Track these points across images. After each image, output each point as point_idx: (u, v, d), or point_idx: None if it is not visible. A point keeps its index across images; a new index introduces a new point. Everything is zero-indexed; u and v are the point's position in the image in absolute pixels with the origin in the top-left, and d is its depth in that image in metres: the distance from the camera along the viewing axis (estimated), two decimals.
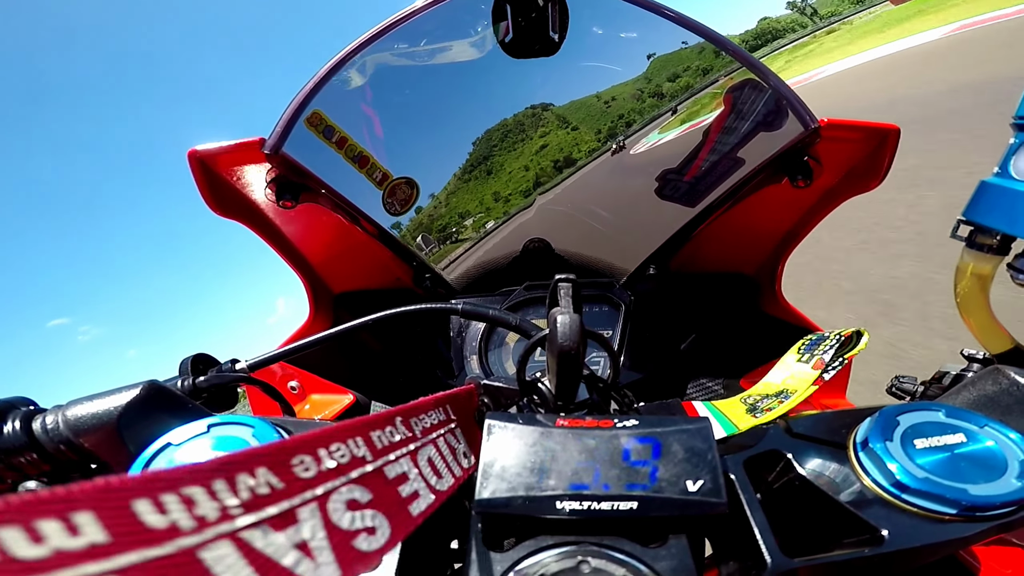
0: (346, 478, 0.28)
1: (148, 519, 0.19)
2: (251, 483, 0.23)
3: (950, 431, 0.38)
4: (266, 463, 0.25)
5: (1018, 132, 0.50)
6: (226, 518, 0.21)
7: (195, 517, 0.20)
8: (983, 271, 0.54)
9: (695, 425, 0.38)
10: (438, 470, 0.36)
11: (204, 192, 0.88)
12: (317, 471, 0.27)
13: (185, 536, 0.20)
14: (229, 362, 0.69)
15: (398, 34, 0.90)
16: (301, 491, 0.25)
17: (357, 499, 0.28)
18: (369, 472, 0.30)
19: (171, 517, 0.20)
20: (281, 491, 0.24)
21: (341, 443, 0.30)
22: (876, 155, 0.86)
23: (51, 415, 0.48)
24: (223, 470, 0.22)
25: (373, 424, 0.33)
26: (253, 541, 0.22)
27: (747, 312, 1.14)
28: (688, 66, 0.99)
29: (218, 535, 0.21)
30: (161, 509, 0.19)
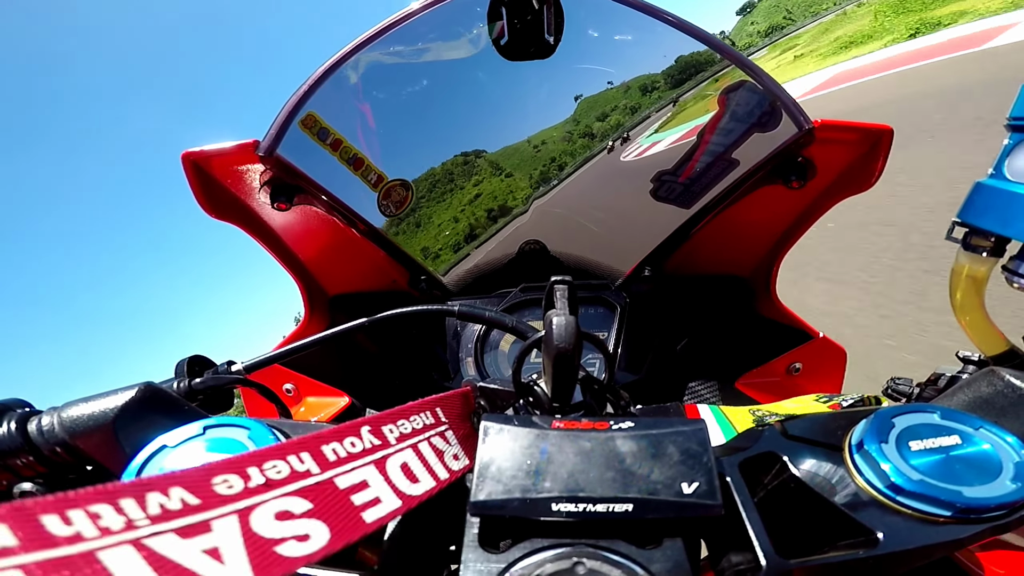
0: (279, 491, 0.30)
1: (53, 529, 0.22)
2: (161, 500, 0.26)
3: (945, 433, 0.38)
4: (181, 484, 0.27)
5: (1012, 133, 0.50)
6: (130, 528, 0.24)
7: (99, 528, 0.23)
8: (978, 273, 0.54)
9: (690, 427, 0.38)
10: (413, 475, 0.37)
11: (198, 194, 0.88)
12: (243, 487, 0.29)
13: (87, 541, 0.23)
14: (225, 364, 0.69)
15: (394, 37, 0.90)
16: (219, 505, 0.28)
17: (290, 509, 0.30)
18: (312, 484, 0.32)
19: (75, 528, 0.23)
20: (196, 506, 0.27)
21: (279, 460, 0.32)
22: (869, 156, 0.87)
23: (47, 417, 0.48)
24: (132, 491, 0.25)
25: (328, 437, 0.35)
26: (156, 546, 0.24)
27: (742, 314, 1.14)
28: (616, 105, 1.00)
29: (120, 541, 0.23)
30: (67, 521, 0.23)
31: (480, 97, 1.02)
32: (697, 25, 0.88)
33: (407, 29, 0.90)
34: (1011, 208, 0.48)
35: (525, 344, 0.45)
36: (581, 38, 0.94)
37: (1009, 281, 0.51)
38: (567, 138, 1.06)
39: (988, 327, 0.57)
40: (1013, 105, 0.50)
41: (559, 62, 0.95)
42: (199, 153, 0.86)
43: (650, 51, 0.96)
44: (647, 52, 0.96)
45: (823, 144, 0.88)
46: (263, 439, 0.43)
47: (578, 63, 0.98)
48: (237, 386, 0.66)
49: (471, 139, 1.05)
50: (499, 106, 1.03)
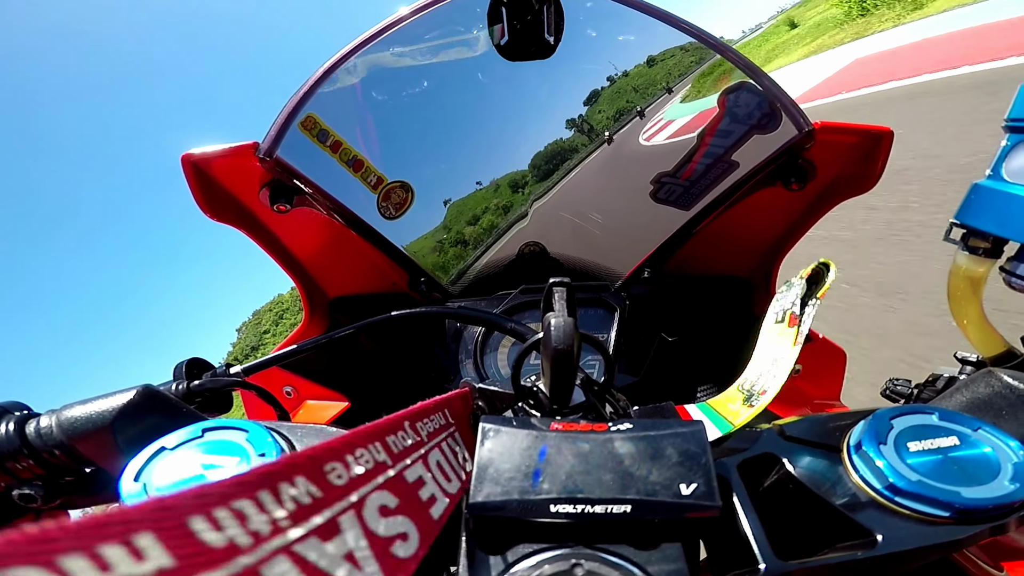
0: (374, 484, 0.28)
1: (206, 537, 0.18)
2: (293, 493, 0.23)
3: (943, 434, 0.38)
4: (303, 472, 0.24)
5: (1010, 134, 0.50)
6: (278, 531, 0.21)
7: (250, 532, 0.20)
8: (976, 274, 0.54)
9: (689, 428, 0.38)
10: (446, 473, 0.36)
11: (198, 196, 0.88)
12: (348, 478, 0.27)
13: (244, 554, 0.19)
14: (223, 366, 0.69)
15: (393, 37, 0.91)
16: (338, 499, 0.25)
17: (387, 504, 0.28)
18: (392, 477, 0.30)
19: (227, 534, 0.19)
20: (321, 500, 0.24)
21: (364, 448, 0.30)
22: (869, 158, 0.87)
23: (45, 419, 0.48)
24: (265, 481, 0.22)
25: (388, 429, 0.33)
26: (307, 554, 0.22)
27: (742, 315, 1.14)
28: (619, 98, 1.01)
29: (274, 550, 0.20)
30: (216, 526, 0.19)
31: (480, 98, 1.02)
32: (696, 25, 0.89)
33: (406, 30, 0.91)
34: (1008, 209, 0.48)
35: (524, 346, 0.45)
36: (580, 38, 0.94)
37: (1007, 282, 0.51)
38: (568, 128, 1.07)
39: (986, 328, 0.57)
40: (1011, 107, 0.50)
41: (559, 62, 0.95)
42: (199, 155, 0.86)
43: (649, 51, 0.96)
44: (646, 52, 0.97)
45: (823, 146, 0.88)
46: (262, 442, 0.43)
47: (578, 63, 0.98)
48: (236, 389, 0.66)
49: (471, 140, 1.06)
50: (499, 107, 1.04)
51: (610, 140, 1.08)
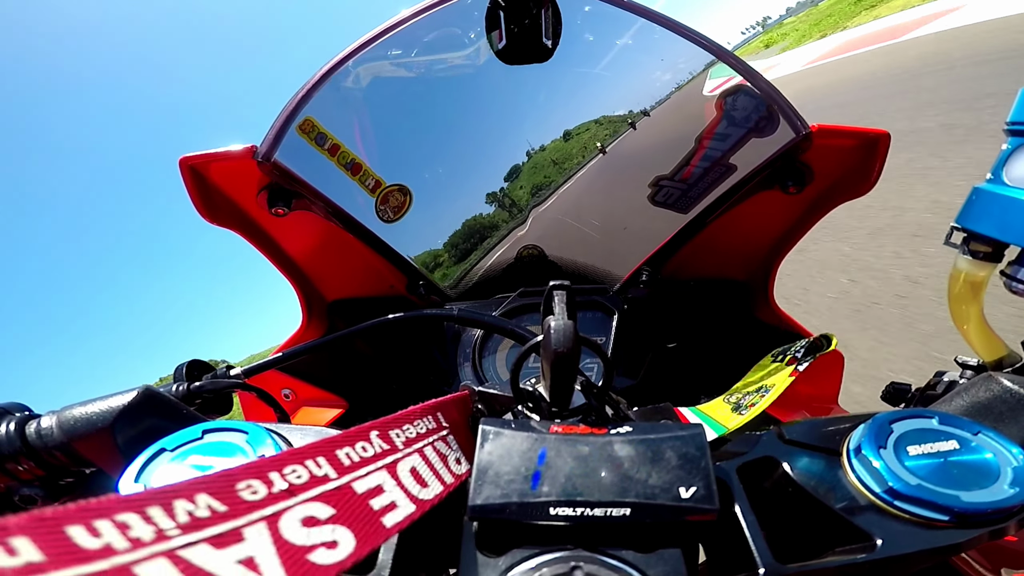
0: (302, 497, 0.30)
1: (81, 541, 0.20)
2: (189, 507, 0.24)
3: (943, 438, 0.38)
4: (206, 490, 0.26)
5: (1011, 137, 0.50)
6: (162, 539, 0.23)
7: (129, 539, 0.21)
8: (976, 278, 0.54)
9: (688, 432, 0.38)
10: (423, 479, 0.36)
11: (196, 200, 0.88)
12: (267, 493, 0.28)
13: (119, 555, 0.21)
14: (224, 368, 0.69)
15: (391, 41, 0.91)
16: (247, 512, 0.27)
17: (315, 515, 0.29)
18: (332, 489, 0.31)
19: (104, 540, 0.21)
20: (224, 513, 0.26)
21: (297, 464, 0.31)
22: (867, 160, 0.87)
23: (45, 420, 0.48)
24: (158, 498, 0.24)
25: (341, 442, 0.34)
26: (191, 558, 0.23)
27: (740, 318, 1.14)
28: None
29: (153, 553, 0.22)
30: (94, 533, 0.21)
31: (478, 101, 1.03)
32: (693, 28, 0.89)
33: (405, 33, 0.91)
34: (1009, 213, 0.48)
35: (523, 348, 0.45)
36: (578, 42, 0.95)
37: (1007, 286, 0.51)
38: (488, 203, 1.09)
39: (986, 332, 0.57)
40: (1012, 110, 0.50)
41: (557, 66, 0.96)
42: (197, 158, 0.86)
43: (647, 56, 0.96)
44: (644, 56, 0.97)
45: (820, 149, 0.88)
46: (261, 443, 0.43)
47: (576, 67, 0.98)
48: (235, 390, 0.66)
49: (469, 143, 1.06)
50: (497, 110, 1.04)
51: (603, 151, 1.08)
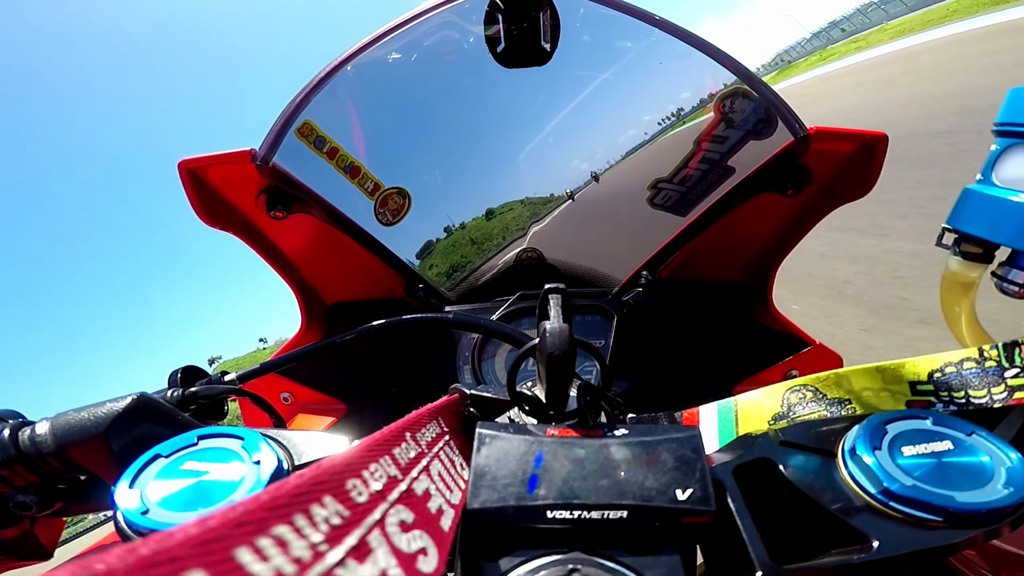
0: (391, 499, 0.28)
1: (255, 570, 0.18)
2: (324, 514, 0.22)
3: (937, 439, 0.38)
4: (329, 490, 0.24)
5: (999, 138, 0.51)
6: (318, 557, 0.21)
7: (293, 560, 0.19)
8: (967, 279, 0.54)
9: (684, 434, 0.38)
10: (447, 483, 0.36)
11: (194, 203, 0.88)
12: (368, 494, 0.26)
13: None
14: (219, 374, 0.69)
15: (390, 43, 0.91)
16: (363, 517, 0.25)
17: (406, 520, 0.27)
18: (404, 491, 0.30)
19: (274, 564, 0.19)
20: (349, 519, 0.24)
21: (376, 463, 0.29)
22: (865, 162, 0.87)
23: (39, 427, 0.48)
24: (298, 503, 0.22)
25: (392, 440, 0.33)
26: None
27: (739, 321, 1.14)
28: None
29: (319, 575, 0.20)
30: (262, 556, 0.18)
31: (477, 104, 1.03)
32: (690, 31, 0.89)
33: (404, 36, 0.91)
34: (999, 214, 0.49)
35: (519, 351, 0.45)
36: (576, 45, 0.95)
37: (999, 287, 0.51)
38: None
39: (978, 333, 0.57)
40: (1000, 110, 0.50)
41: (556, 68, 0.96)
42: (195, 161, 0.86)
43: (646, 59, 0.96)
44: (642, 60, 0.97)
45: (818, 151, 0.88)
46: (257, 449, 0.43)
47: (575, 70, 0.99)
48: (232, 396, 0.66)
49: (468, 146, 1.06)
50: (496, 112, 1.04)
51: (572, 196, 1.10)
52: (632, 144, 1.04)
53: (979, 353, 0.44)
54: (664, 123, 1.00)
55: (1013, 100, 0.50)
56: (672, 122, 0.99)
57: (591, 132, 1.05)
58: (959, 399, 0.44)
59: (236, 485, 0.40)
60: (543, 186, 1.10)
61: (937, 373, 0.45)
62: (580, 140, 1.06)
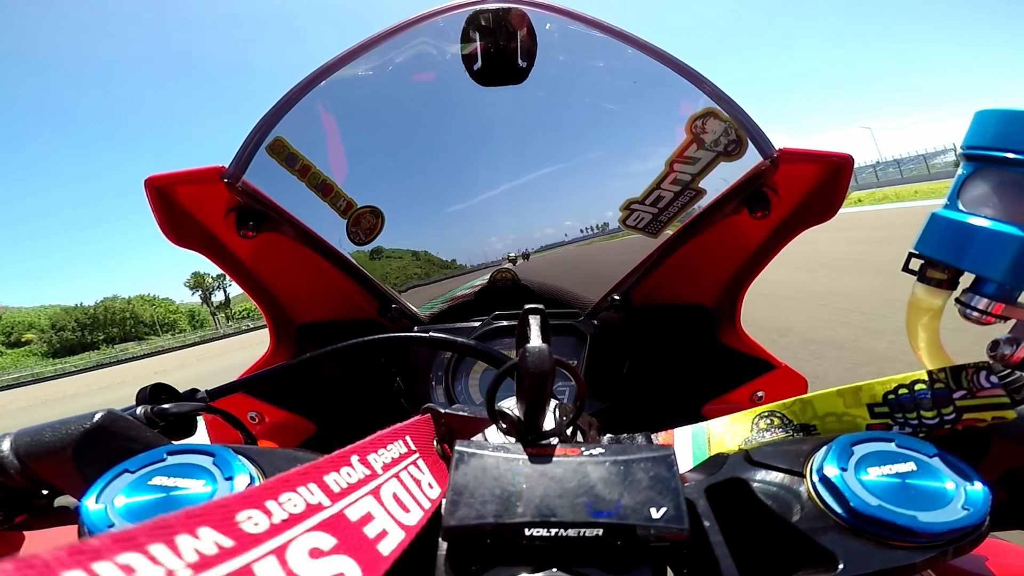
0: (303, 526, 0.28)
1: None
2: (194, 543, 0.22)
3: (902, 460, 0.39)
4: (206, 523, 0.24)
5: (964, 163, 0.51)
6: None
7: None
8: (932, 305, 0.55)
9: (659, 453, 0.39)
10: (404, 504, 0.36)
11: (161, 222, 0.87)
12: (269, 524, 0.26)
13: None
14: (188, 391, 0.68)
15: (365, 60, 0.91)
16: (253, 545, 0.25)
17: (319, 546, 0.28)
18: (328, 517, 0.30)
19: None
20: (232, 548, 0.24)
21: (291, 492, 0.29)
22: (831, 184, 0.89)
23: (3, 442, 0.47)
24: (157, 534, 0.21)
25: (327, 467, 0.33)
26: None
27: (707, 343, 1.15)
28: None
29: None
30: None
31: (452, 123, 1.03)
32: (666, 51, 0.90)
33: (378, 53, 0.91)
34: (964, 239, 0.49)
35: (500, 371, 0.46)
36: (552, 63, 0.96)
37: (962, 313, 0.52)
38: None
39: (942, 358, 0.58)
40: (966, 134, 0.51)
41: (532, 89, 0.96)
42: (162, 179, 0.84)
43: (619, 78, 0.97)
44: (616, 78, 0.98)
45: (786, 172, 0.90)
46: (229, 465, 0.42)
47: (551, 89, 0.99)
48: (200, 413, 0.65)
49: (443, 165, 1.06)
50: (472, 132, 1.04)
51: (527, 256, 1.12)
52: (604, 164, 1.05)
53: (929, 376, 0.46)
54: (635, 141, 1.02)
55: (978, 124, 0.50)
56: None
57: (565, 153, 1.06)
58: (912, 420, 0.45)
59: (207, 499, 0.39)
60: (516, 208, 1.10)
61: (891, 395, 0.47)
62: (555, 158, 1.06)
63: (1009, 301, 0.49)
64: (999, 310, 0.49)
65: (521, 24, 0.92)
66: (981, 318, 0.50)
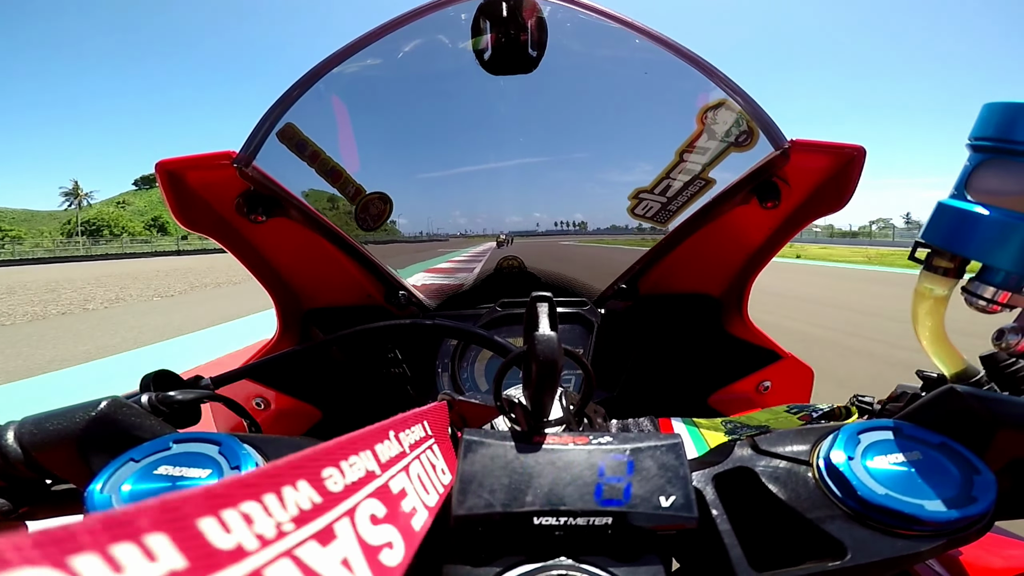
0: (365, 491, 0.29)
1: (215, 539, 0.19)
2: (296, 497, 0.23)
3: (908, 449, 0.39)
4: (304, 476, 0.25)
5: (972, 153, 0.51)
6: (281, 535, 0.22)
7: (256, 535, 0.20)
8: (938, 294, 0.55)
9: (667, 442, 0.39)
10: (425, 486, 0.36)
11: (172, 205, 0.87)
12: (344, 484, 0.27)
13: (251, 556, 0.20)
14: (193, 378, 0.68)
15: (376, 48, 0.91)
16: (333, 505, 0.26)
17: (376, 513, 0.28)
18: (380, 486, 0.30)
19: (235, 537, 0.19)
20: (320, 505, 0.25)
21: (356, 455, 0.30)
22: (843, 176, 0.88)
23: (7, 431, 0.47)
24: (270, 484, 0.23)
25: (375, 437, 0.33)
26: (306, 558, 0.22)
27: (714, 333, 1.15)
28: None
29: (278, 554, 0.21)
30: (225, 528, 0.19)
31: (461, 110, 1.03)
32: (677, 42, 0.89)
33: (390, 41, 0.91)
34: (969, 228, 0.49)
35: (507, 359, 0.46)
36: (562, 53, 0.95)
37: (968, 302, 0.52)
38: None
39: (947, 347, 0.58)
40: (973, 125, 0.51)
41: (542, 78, 0.96)
42: (174, 163, 0.85)
43: (630, 68, 0.97)
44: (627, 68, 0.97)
45: (797, 163, 0.89)
46: (235, 453, 0.43)
47: (561, 79, 0.99)
48: (205, 401, 0.65)
49: (452, 153, 1.06)
50: (481, 119, 1.04)
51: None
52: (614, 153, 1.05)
53: None
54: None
55: (986, 115, 0.50)
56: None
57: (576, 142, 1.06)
58: None
59: None
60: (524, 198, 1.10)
61: None
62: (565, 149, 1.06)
63: (1015, 290, 0.49)
64: (1005, 298, 0.50)
65: (532, 13, 0.91)
66: (987, 307, 0.51)
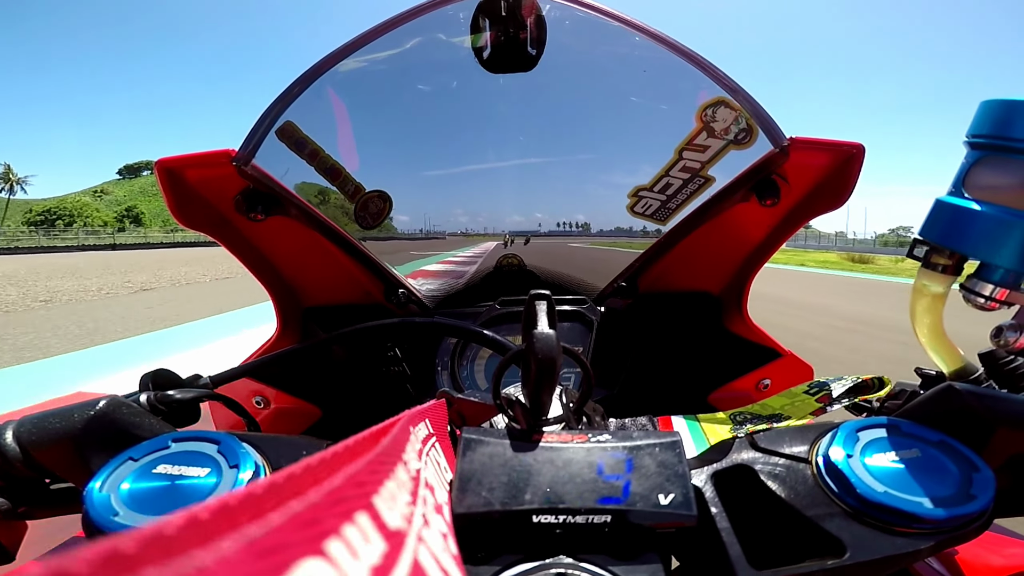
0: (424, 478, 0.29)
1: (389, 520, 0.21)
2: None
3: (907, 446, 0.39)
4: (362, 506, 0.24)
5: (970, 150, 0.51)
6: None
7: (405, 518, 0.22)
8: (936, 291, 0.55)
9: (666, 440, 0.39)
10: (438, 481, 0.36)
11: (171, 204, 0.87)
12: (413, 474, 0.28)
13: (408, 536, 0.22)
14: (191, 377, 0.68)
15: (375, 46, 0.90)
16: (403, 542, 0.24)
17: (441, 530, 0.29)
18: (426, 478, 0.31)
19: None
20: (389, 549, 0.25)
21: (412, 445, 0.30)
22: (842, 173, 0.88)
23: (6, 431, 0.47)
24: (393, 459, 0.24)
25: (405, 432, 0.33)
26: (429, 542, 0.24)
27: (713, 331, 1.15)
28: None
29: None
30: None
31: (460, 109, 1.03)
32: (676, 40, 0.89)
33: (389, 39, 0.90)
34: (967, 225, 0.49)
35: (506, 357, 0.45)
36: (562, 51, 0.95)
37: (966, 299, 0.52)
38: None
39: (945, 344, 0.58)
40: (971, 123, 0.51)
41: (541, 76, 0.96)
42: (173, 161, 0.84)
43: (630, 66, 0.97)
44: (627, 67, 0.97)
45: (797, 161, 0.89)
46: (235, 453, 0.43)
47: (560, 77, 0.99)
48: (204, 399, 0.65)
49: (451, 151, 1.06)
50: (480, 118, 1.04)
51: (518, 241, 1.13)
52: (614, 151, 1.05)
53: None
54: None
55: (983, 112, 0.50)
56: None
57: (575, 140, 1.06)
58: None
59: (212, 488, 0.40)
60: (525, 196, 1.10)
61: None
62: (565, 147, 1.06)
63: (1013, 287, 0.49)
64: (1003, 296, 0.50)
65: (531, 11, 0.91)
66: (985, 304, 0.51)
